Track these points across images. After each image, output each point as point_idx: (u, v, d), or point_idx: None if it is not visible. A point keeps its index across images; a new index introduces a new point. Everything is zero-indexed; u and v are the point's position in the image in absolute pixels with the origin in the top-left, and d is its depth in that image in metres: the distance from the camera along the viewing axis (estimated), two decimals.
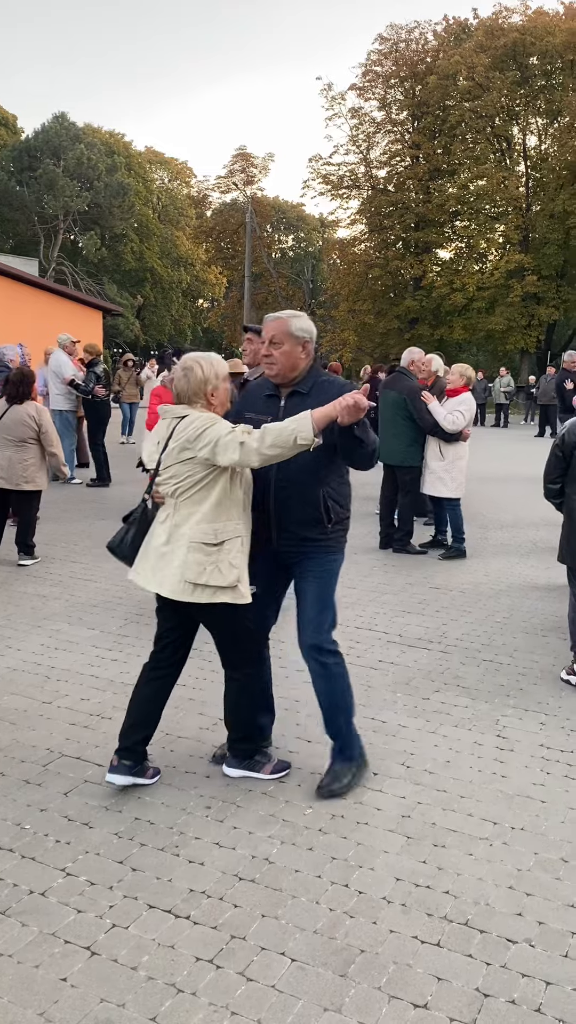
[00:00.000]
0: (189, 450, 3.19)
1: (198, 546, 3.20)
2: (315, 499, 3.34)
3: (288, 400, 3.39)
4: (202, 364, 3.31)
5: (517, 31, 36.67)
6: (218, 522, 3.23)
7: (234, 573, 3.21)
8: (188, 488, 3.23)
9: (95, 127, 53.34)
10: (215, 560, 3.20)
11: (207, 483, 3.22)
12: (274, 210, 53.74)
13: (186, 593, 3.21)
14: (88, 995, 2.34)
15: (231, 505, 3.26)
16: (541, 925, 2.69)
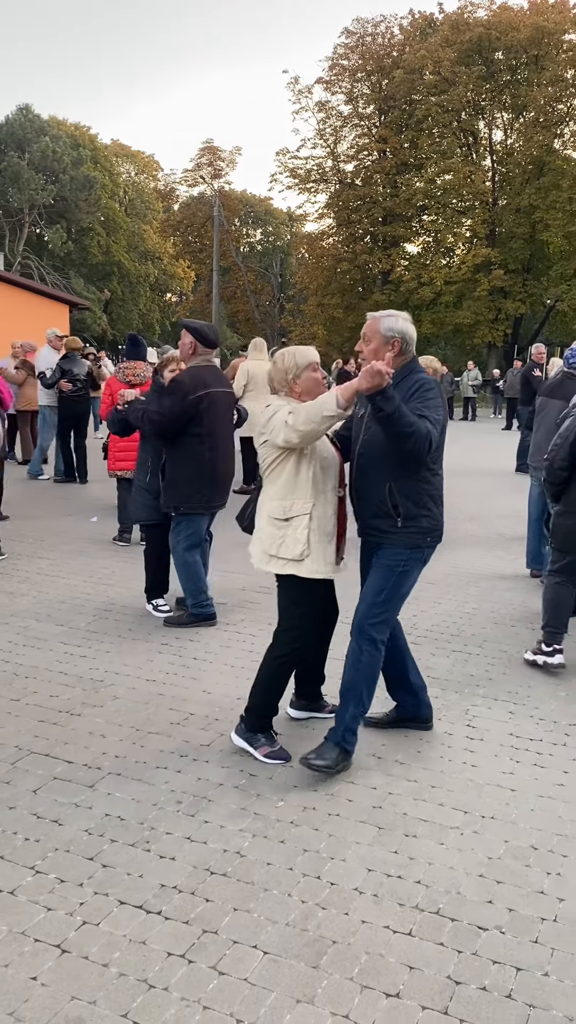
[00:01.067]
0: (264, 435, 3.55)
1: (271, 520, 3.57)
2: (381, 492, 3.48)
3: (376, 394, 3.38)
4: (285, 355, 3.63)
5: (482, 26, 36.87)
6: (287, 500, 3.54)
7: (299, 547, 3.50)
8: (267, 468, 3.60)
9: (60, 119, 52.74)
10: (283, 534, 3.53)
11: (279, 463, 3.55)
12: (242, 204, 53.61)
13: (263, 562, 3.59)
14: (58, 993, 2.32)
15: (299, 484, 3.53)
16: (511, 912, 2.71)
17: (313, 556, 3.51)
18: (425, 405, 3.37)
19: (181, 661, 4.83)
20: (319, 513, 3.54)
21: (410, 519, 3.47)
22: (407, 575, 3.56)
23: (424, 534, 3.52)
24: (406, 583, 3.57)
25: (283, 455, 3.52)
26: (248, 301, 48.53)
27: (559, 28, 36.07)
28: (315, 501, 3.52)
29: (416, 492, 3.48)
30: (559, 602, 4.89)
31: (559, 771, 3.64)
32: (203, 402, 5.18)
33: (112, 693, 4.36)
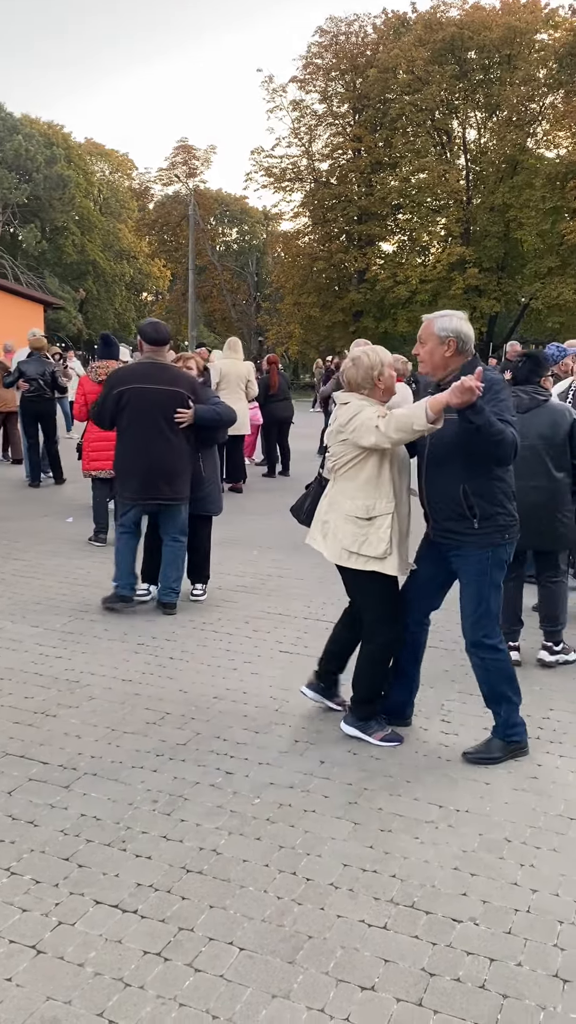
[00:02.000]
0: (342, 432, 3.63)
1: (352, 519, 3.65)
2: (455, 494, 3.51)
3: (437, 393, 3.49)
4: (368, 353, 3.72)
5: (455, 25, 37.04)
6: (369, 499, 3.64)
7: (383, 546, 3.61)
8: (343, 466, 3.68)
9: (33, 118, 52.35)
10: (366, 533, 3.62)
11: (359, 462, 3.64)
12: (217, 203, 53.48)
13: (343, 559, 3.68)
14: (33, 994, 2.31)
15: (382, 484, 3.64)
16: (485, 904, 2.73)
17: (394, 555, 3.65)
18: (500, 408, 3.40)
19: (157, 661, 4.83)
20: (400, 513, 3.69)
21: (487, 519, 3.53)
22: (494, 577, 3.63)
23: (502, 531, 3.57)
24: (495, 585, 3.64)
25: (364, 455, 3.62)
26: (224, 300, 48.44)
27: (531, 28, 36.35)
28: (396, 501, 3.66)
29: (491, 491, 3.53)
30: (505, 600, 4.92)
31: (533, 764, 3.67)
32: (122, 398, 5.46)
33: (88, 693, 4.34)
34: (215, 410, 5.66)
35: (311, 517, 3.94)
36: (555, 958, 2.49)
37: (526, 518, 4.70)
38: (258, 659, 4.86)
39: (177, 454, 5.54)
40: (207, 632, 5.36)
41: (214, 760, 3.65)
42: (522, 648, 5.00)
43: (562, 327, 35.25)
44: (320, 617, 5.68)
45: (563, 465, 4.62)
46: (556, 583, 4.89)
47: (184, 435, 5.57)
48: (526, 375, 4.78)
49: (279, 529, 8.33)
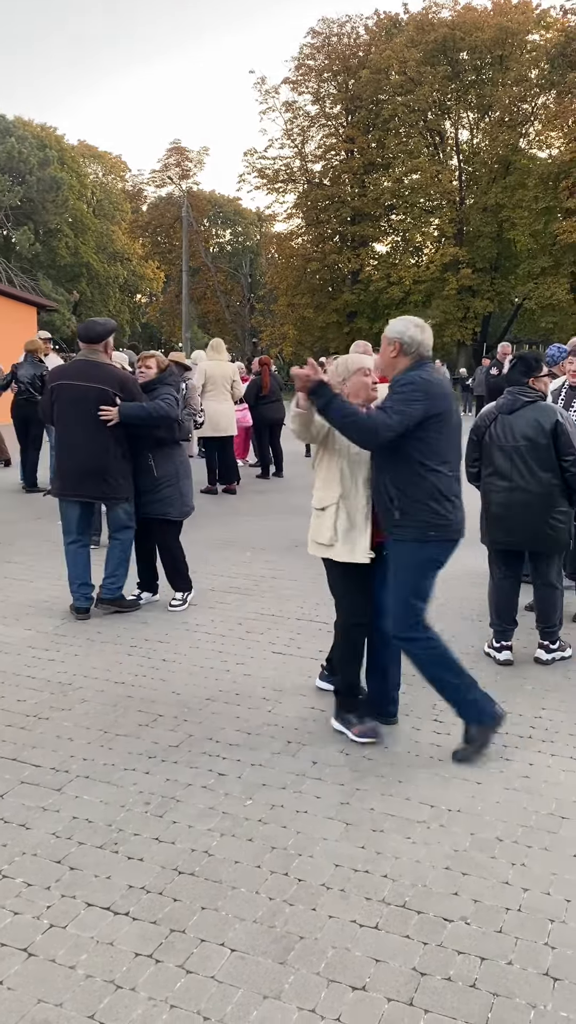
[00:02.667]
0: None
1: (314, 511, 3.90)
2: (380, 486, 3.71)
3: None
4: (337, 363, 3.89)
5: (447, 26, 37.11)
6: (323, 491, 3.86)
7: (328, 534, 3.80)
8: (314, 464, 3.94)
9: (25, 120, 52.29)
10: (320, 522, 3.84)
11: (320, 459, 3.89)
12: (210, 204, 53.48)
13: (311, 548, 3.93)
14: (24, 997, 2.32)
15: (331, 476, 3.83)
16: (476, 903, 2.74)
17: (341, 542, 3.78)
18: (393, 400, 3.52)
19: (150, 663, 4.83)
20: (348, 504, 3.79)
21: (407, 514, 3.58)
22: (417, 573, 3.66)
23: (425, 528, 3.59)
24: (420, 580, 3.68)
25: (322, 451, 3.85)
26: (218, 301, 48.47)
27: (522, 28, 36.44)
28: (343, 492, 3.79)
29: (415, 486, 3.57)
30: (498, 599, 5.02)
31: (524, 763, 3.68)
32: (52, 395, 5.61)
33: (80, 696, 4.34)
34: (143, 407, 5.51)
35: None
36: (546, 957, 2.49)
37: (515, 519, 4.75)
38: (251, 660, 4.87)
39: (103, 451, 5.47)
40: (200, 634, 5.37)
41: (206, 762, 3.65)
42: (515, 648, 5.01)
43: (555, 327, 35.35)
44: (313, 618, 5.68)
45: (549, 465, 4.61)
46: (550, 586, 4.90)
47: (112, 433, 5.48)
48: (516, 376, 4.80)
49: (273, 530, 8.34)
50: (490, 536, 4.93)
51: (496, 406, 4.85)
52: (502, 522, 4.80)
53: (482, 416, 4.91)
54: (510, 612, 4.96)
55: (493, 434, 4.78)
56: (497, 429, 4.76)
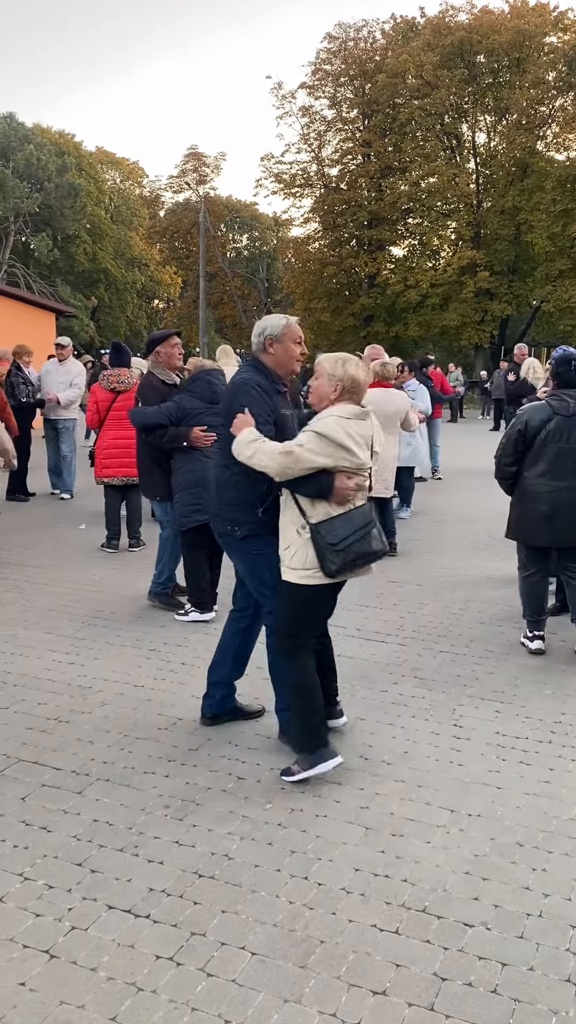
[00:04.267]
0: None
1: None
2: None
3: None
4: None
5: (464, 29, 37.02)
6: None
7: None
8: None
9: (44, 127, 52.69)
10: None
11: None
12: (227, 209, 53.63)
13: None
14: (47, 998, 2.33)
15: None
16: (497, 908, 2.73)
17: None
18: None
19: (169, 666, 4.84)
20: None
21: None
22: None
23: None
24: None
25: None
26: (235, 306, 48.55)
27: (539, 31, 36.28)
28: None
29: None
30: (531, 593, 5.16)
31: (545, 768, 3.67)
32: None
33: (100, 699, 4.36)
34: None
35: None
36: (567, 963, 2.48)
37: (565, 518, 4.84)
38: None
39: (140, 448, 6.04)
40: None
41: (225, 765, 3.66)
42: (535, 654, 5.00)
43: (574, 329, 35.14)
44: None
45: None
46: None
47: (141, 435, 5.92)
48: (572, 377, 4.92)
49: None
50: (534, 535, 5.00)
51: (551, 407, 4.88)
52: (553, 522, 4.88)
53: (533, 416, 4.90)
54: (543, 604, 5.17)
55: (549, 434, 4.84)
56: (552, 429, 4.83)
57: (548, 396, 5.05)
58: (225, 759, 3.72)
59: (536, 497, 4.90)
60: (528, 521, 4.98)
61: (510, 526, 5.15)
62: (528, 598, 5.15)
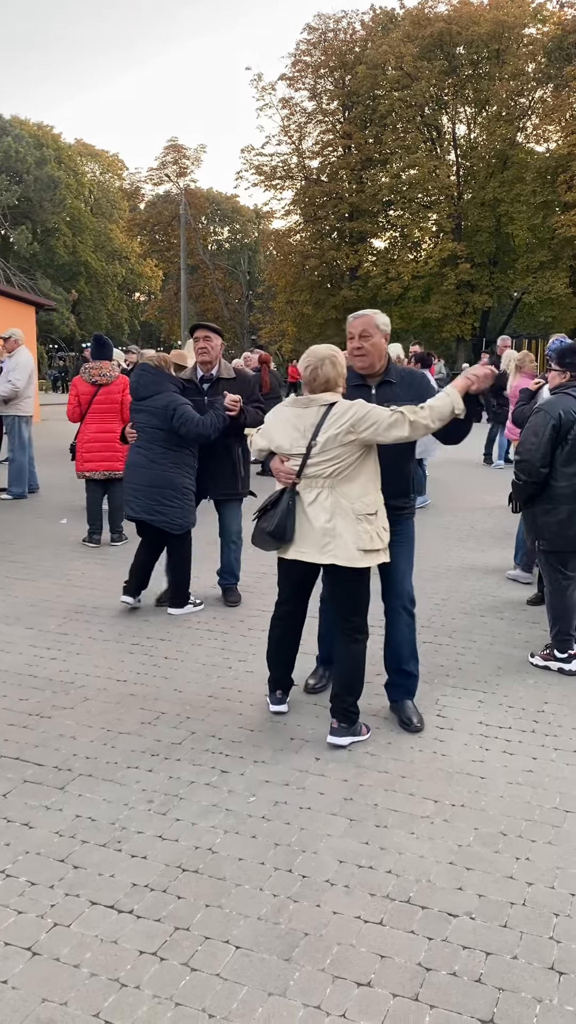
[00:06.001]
0: (353, 433, 3.52)
1: (363, 516, 3.59)
2: (407, 472, 3.92)
3: (379, 389, 3.89)
4: (340, 354, 3.70)
5: (443, 21, 37.02)
6: (370, 495, 3.63)
7: (387, 536, 3.69)
8: (347, 467, 3.57)
9: (23, 119, 52.22)
10: (375, 528, 3.62)
11: (361, 461, 3.60)
12: (208, 202, 53.43)
13: (358, 560, 3.59)
14: (29, 996, 2.31)
15: (376, 478, 3.67)
16: (481, 898, 2.73)
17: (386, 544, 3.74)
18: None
19: (152, 661, 4.82)
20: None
21: (417, 492, 4.25)
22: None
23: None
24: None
25: (364, 453, 3.60)
26: (217, 299, 48.42)
27: (519, 22, 36.34)
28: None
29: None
30: (566, 607, 4.74)
31: (528, 758, 3.68)
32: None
33: (82, 695, 4.34)
34: None
35: (294, 532, 3.71)
36: (551, 951, 2.49)
37: None
38: (253, 657, 4.86)
39: None
40: (201, 631, 5.36)
41: (209, 759, 3.65)
42: (517, 642, 5.00)
43: (555, 321, 35.29)
44: (315, 614, 5.66)
45: None
46: None
47: None
48: None
49: None
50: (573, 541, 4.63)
51: (575, 399, 4.59)
52: None
53: (565, 411, 4.57)
54: (572, 619, 4.75)
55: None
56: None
57: (565, 389, 4.71)
58: (209, 753, 3.70)
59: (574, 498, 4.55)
60: (572, 525, 4.58)
61: (542, 533, 4.69)
62: (561, 612, 4.71)
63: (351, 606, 3.77)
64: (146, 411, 5.53)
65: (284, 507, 3.68)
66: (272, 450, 3.79)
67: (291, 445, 3.66)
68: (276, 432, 3.74)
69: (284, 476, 3.69)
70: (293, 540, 3.70)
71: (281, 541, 3.72)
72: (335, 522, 3.58)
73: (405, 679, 4.07)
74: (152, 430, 5.49)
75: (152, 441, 5.50)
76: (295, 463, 3.66)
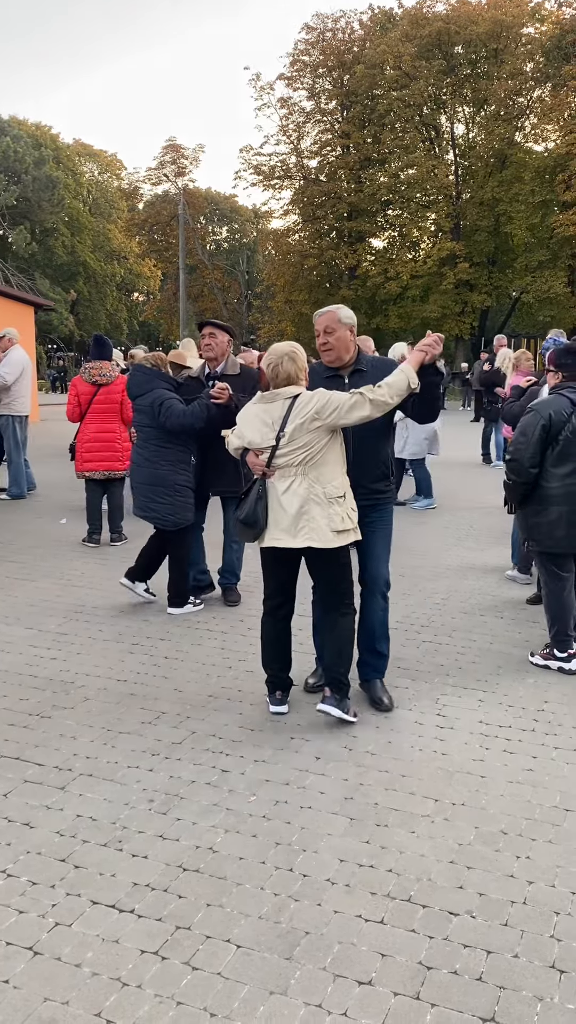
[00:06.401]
0: (318, 419, 3.71)
1: (334, 500, 3.78)
2: (385, 457, 4.08)
3: (351, 378, 4.04)
4: (299, 350, 3.90)
5: (441, 20, 37.01)
6: (339, 477, 3.83)
7: (356, 516, 3.88)
8: (316, 453, 3.75)
9: (21, 119, 52.21)
10: (344, 509, 3.80)
11: (327, 446, 3.78)
12: (207, 201, 53.39)
13: (333, 541, 3.78)
14: (31, 995, 2.31)
15: (342, 462, 3.87)
16: (482, 896, 2.74)
17: (355, 523, 3.92)
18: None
19: (152, 661, 4.82)
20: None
21: (394, 475, 4.26)
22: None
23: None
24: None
25: (331, 438, 3.79)
26: (216, 299, 48.39)
27: (517, 22, 36.35)
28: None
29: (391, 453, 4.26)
30: (564, 607, 4.74)
31: (528, 756, 3.68)
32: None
33: (83, 694, 4.34)
34: None
35: (267, 522, 3.87)
36: (552, 949, 2.49)
37: None
38: (253, 657, 4.86)
39: None
40: (201, 631, 5.36)
41: (210, 758, 3.65)
42: (517, 641, 5.01)
43: (553, 320, 35.29)
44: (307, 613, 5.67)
45: None
46: None
47: None
48: None
49: None
50: (568, 541, 4.62)
51: (570, 400, 4.57)
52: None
53: (556, 412, 4.55)
54: (571, 619, 4.76)
55: (575, 429, 4.52)
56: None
57: (560, 389, 4.70)
58: (209, 752, 3.70)
59: (570, 499, 4.56)
60: (563, 527, 4.58)
61: (532, 533, 4.74)
62: (559, 613, 4.71)
63: (334, 583, 3.99)
64: (140, 410, 5.61)
65: (253, 497, 3.87)
66: (246, 446, 3.95)
67: (262, 439, 3.84)
68: (246, 428, 3.92)
69: (258, 468, 3.87)
70: (267, 527, 3.87)
71: (254, 529, 3.88)
72: (308, 507, 3.77)
73: (376, 659, 4.29)
74: (147, 429, 5.57)
75: (148, 439, 5.57)
76: (266, 456, 3.83)
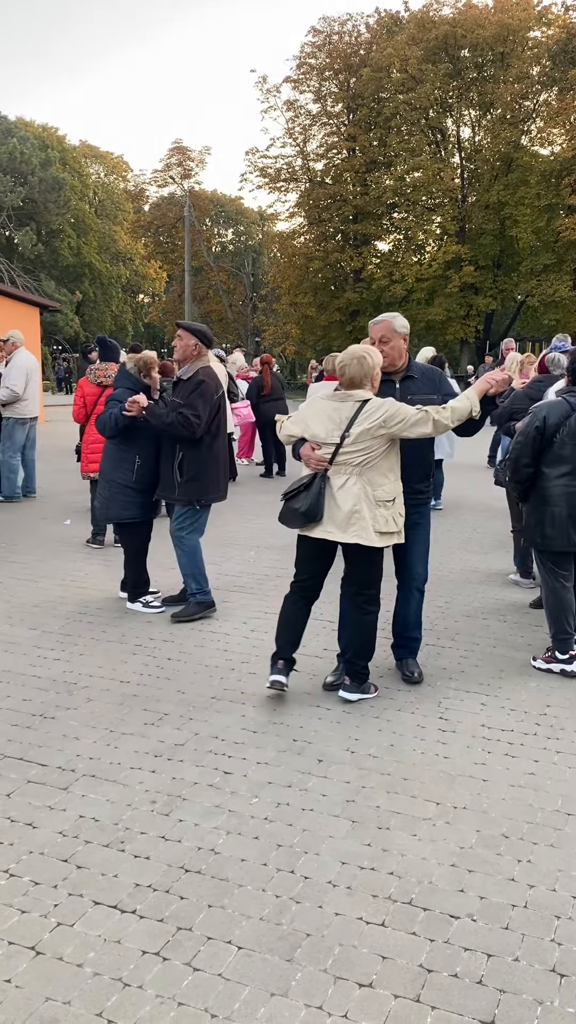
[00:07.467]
0: (384, 428, 3.96)
1: (382, 503, 4.04)
2: (429, 459, 4.46)
3: (402, 383, 4.36)
4: (371, 354, 4.08)
5: (448, 24, 37.01)
6: (392, 484, 4.10)
7: (402, 521, 4.15)
8: (374, 458, 4.00)
9: (27, 121, 52.35)
10: (392, 513, 4.07)
11: (386, 453, 4.04)
12: (213, 204, 53.46)
13: (376, 540, 4.04)
14: (33, 995, 2.32)
15: (396, 469, 4.14)
16: (483, 900, 2.74)
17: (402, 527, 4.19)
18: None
19: (155, 662, 4.84)
20: None
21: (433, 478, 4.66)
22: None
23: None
24: None
25: (390, 446, 4.05)
26: (221, 301, 48.44)
27: (524, 25, 36.32)
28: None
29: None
30: (563, 607, 4.74)
31: (530, 760, 3.68)
32: (221, 400, 5.57)
33: (86, 695, 4.35)
34: None
35: (324, 513, 4.09)
36: (552, 953, 2.50)
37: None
38: (256, 659, 4.87)
39: None
40: (204, 633, 5.37)
41: (212, 760, 3.66)
42: (520, 645, 5.01)
43: (559, 324, 35.25)
44: (318, 616, 5.66)
45: None
46: None
47: None
48: None
49: (276, 529, 8.33)
50: (563, 540, 4.64)
51: (569, 404, 4.61)
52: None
53: (551, 414, 4.61)
54: (571, 618, 4.76)
55: (571, 432, 4.56)
56: (573, 426, 4.55)
57: (564, 393, 4.74)
58: (212, 754, 3.71)
59: (563, 499, 4.60)
60: (556, 526, 4.63)
61: (530, 533, 4.80)
62: (558, 614, 4.73)
63: (366, 581, 4.24)
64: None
65: (316, 490, 4.06)
66: (304, 437, 4.14)
67: (326, 434, 4.05)
68: (313, 421, 4.12)
69: (315, 463, 4.07)
70: (322, 520, 4.08)
71: (313, 521, 4.09)
72: (360, 506, 4.01)
73: (411, 642, 4.69)
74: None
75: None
76: (327, 451, 4.04)
